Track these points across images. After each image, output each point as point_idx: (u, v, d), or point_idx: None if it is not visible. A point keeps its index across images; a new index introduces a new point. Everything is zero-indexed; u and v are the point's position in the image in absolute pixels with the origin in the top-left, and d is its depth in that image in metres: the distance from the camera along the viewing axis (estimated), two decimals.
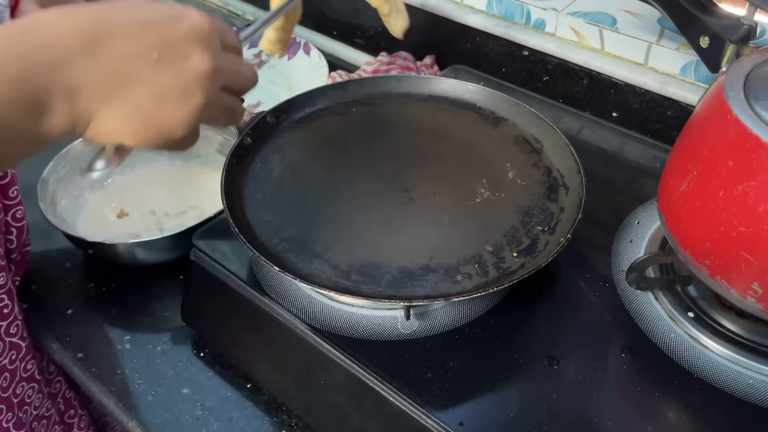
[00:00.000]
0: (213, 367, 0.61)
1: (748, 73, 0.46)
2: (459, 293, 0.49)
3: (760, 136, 0.42)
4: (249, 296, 0.55)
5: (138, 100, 0.34)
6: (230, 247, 0.59)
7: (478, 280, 0.51)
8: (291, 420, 0.57)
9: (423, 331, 0.52)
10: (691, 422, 0.47)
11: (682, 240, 0.49)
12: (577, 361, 0.50)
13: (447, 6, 0.89)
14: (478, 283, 0.51)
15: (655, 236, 0.59)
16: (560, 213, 0.57)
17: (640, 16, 0.77)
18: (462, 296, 0.48)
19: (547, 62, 0.83)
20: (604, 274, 0.57)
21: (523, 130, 0.66)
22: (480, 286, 0.50)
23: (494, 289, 0.49)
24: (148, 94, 0.34)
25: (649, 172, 0.70)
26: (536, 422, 0.46)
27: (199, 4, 1.17)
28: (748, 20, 0.56)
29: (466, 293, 0.49)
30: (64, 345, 0.63)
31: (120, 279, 0.69)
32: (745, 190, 0.43)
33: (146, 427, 0.56)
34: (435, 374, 0.49)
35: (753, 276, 0.44)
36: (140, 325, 0.65)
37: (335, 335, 0.52)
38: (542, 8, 0.81)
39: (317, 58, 0.97)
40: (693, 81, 0.74)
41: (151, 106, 0.34)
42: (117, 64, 0.33)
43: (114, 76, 0.33)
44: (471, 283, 0.51)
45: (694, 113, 0.50)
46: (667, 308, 0.53)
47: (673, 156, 0.51)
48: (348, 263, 0.52)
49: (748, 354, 0.50)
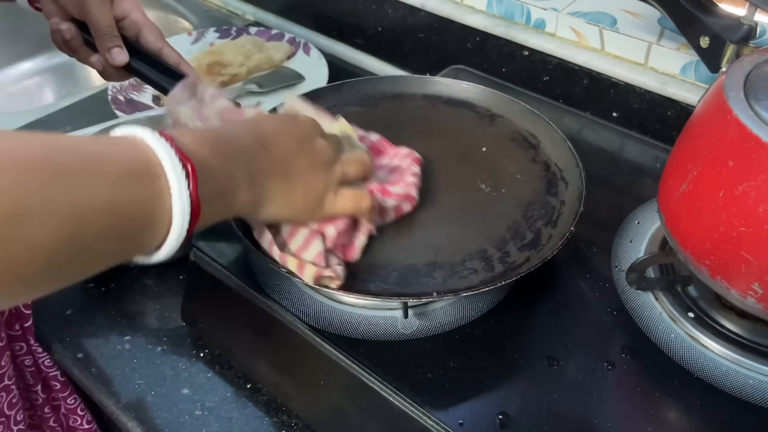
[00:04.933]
0: (213, 367, 0.61)
1: (748, 73, 0.46)
2: (467, 288, 0.49)
3: (760, 136, 0.42)
4: (249, 296, 0.55)
5: (295, 172, 0.46)
6: (230, 247, 0.59)
7: (485, 275, 0.51)
8: (291, 420, 0.57)
9: (423, 331, 0.52)
10: (691, 422, 0.47)
11: (682, 240, 0.49)
12: (577, 361, 0.50)
13: (447, 6, 0.89)
14: (485, 278, 0.51)
15: (655, 236, 0.59)
16: (561, 207, 0.57)
17: (640, 16, 0.77)
18: (470, 291, 0.48)
19: (547, 62, 0.83)
20: (604, 274, 0.57)
21: (520, 126, 0.66)
22: (487, 280, 0.50)
23: (502, 282, 0.49)
24: (302, 167, 0.46)
25: (649, 172, 0.70)
26: (536, 422, 0.46)
27: (199, 5, 1.17)
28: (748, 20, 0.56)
29: (474, 288, 0.49)
30: (63, 345, 0.63)
31: (120, 279, 0.69)
32: (745, 190, 0.43)
33: (146, 427, 0.56)
34: (435, 374, 0.49)
35: (753, 276, 0.44)
36: (140, 325, 0.65)
37: (335, 335, 0.51)
38: (542, 8, 0.81)
39: (317, 57, 0.97)
40: (693, 81, 0.74)
41: (305, 174, 0.46)
42: (280, 154, 0.45)
43: (280, 162, 0.45)
44: (478, 278, 0.51)
45: (694, 113, 0.50)
46: (668, 308, 0.53)
47: (673, 156, 0.51)
48: (354, 263, 0.52)
49: (749, 354, 0.50)
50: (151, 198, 0.36)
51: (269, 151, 0.45)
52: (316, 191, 0.47)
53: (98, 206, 0.33)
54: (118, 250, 0.36)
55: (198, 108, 0.52)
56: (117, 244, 0.35)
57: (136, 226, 0.36)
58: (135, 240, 0.36)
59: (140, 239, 0.37)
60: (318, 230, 0.49)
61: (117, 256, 0.37)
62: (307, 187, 0.47)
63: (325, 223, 0.49)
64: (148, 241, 0.37)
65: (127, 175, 0.35)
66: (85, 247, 0.33)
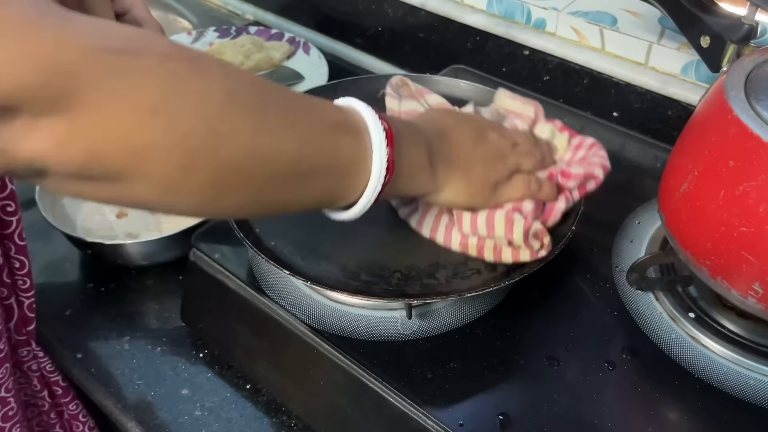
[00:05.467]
0: (212, 368, 0.61)
1: (748, 73, 0.46)
2: (470, 289, 0.49)
3: (760, 136, 0.42)
4: (249, 297, 0.55)
5: (471, 161, 0.49)
6: (230, 247, 0.59)
7: (488, 275, 0.51)
8: (291, 420, 0.57)
9: (423, 331, 0.52)
10: (691, 423, 0.47)
11: (682, 240, 0.49)
12: (577, 361, 0.50)
13: (447, 5, 0.89)
14: (488, 278, 0.51)
15: (655, 236, 0.59)
16: None
17: (640, 15, 0.76)
18: (474, 292, 0.48)
19: (547, 62, 0.83)
20: (605, 274, 0.57)
21: None
22: (490, 281, 0.50)
23: (505, 283, 0.49)
24: (477, 156, 0.49)
25: (649, 172, 0.70)
26: (536, 423, 0.46)
27: (198, 4, 1.17)
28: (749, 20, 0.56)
29: (478, 288, 0.49)
30: (63, 345, 0.63)
31: (119, 279, 0.69)
32: (745, 191, 0.43)
33: (146, 428, 0.56)
34: (435, 374, 0.49)
35: (754, 276, 0.44)
36: (140, 325, 0.65)
37: (335, 336, 0.51)
38: (543, 8, 0.81)
39: (317, 57, 0.97)
40: (694, 81, 0.73)
41: (480, 163, 0.49)
42: (457, 144, 0.49)
43: (457, 151, 0.48)
44: (480, 279, 0.51)
45: (694, 113, 0.50)
46: (668, 308, 0.53)
47: (673, 156, 0.51)
48: (356, 264, 0.52)
49: (749, 354, 0.49)
50: (357, 148, 0.41)
51: (447, 140, 0.48)
52: (491, 179, 0.50)
53: (320, 140, 0.39)
54: (325, 190, 0.41)
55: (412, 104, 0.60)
56: (326, 182, 0.40)
57: (342, 170, 0.40)
58: (339, 184, 0.41)
59: (343, 185, 0.41)
60: (515, 208, 0.51)
61: (322, 196, 0.42)
62: (482, 175, 0.49)
63: (520, 202, 0.51)
64: (348, 189, 0.42)
65: (341, 124, 0.41)
66: (303, 172, 0.38)
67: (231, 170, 0.34)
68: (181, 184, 0.33)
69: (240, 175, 0.35)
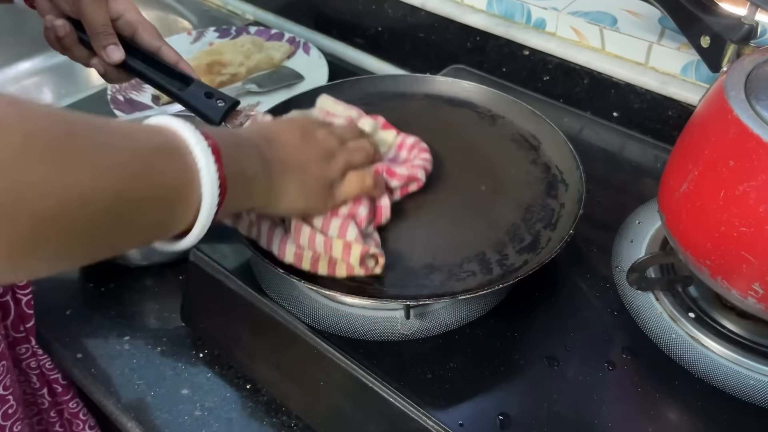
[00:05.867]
0: (212, 368, 0.61)
1: (749, 73, 0.46)
2: (464, 291, 0.49)
3: (761, 136, 0.42)
4: (249, 297, 0.55)
5: (303, 163, 0.48)
6: (230, 247, 0.59)
7: (483, 278, 0.51)
8: (291, 420, 0.57)
9: (423, 331, 0.52)
10: (691, 423, 0.47)
11: (682, 240, 0.49)
12: (577, 361, 0.50)
13: (447, 5, 0.89)
14: (482, 281, 0.51)
15: (655, 236, 0.59)
16: (561, 209, 0.57)
17: (640, 15, 0.76)
18: (467, 294, 0.48)
19: (547, 62, 0.83)
20: (605, 274, 0.57)
21: (521, 127, 0.66)
22: (485, 283, 0.50)
23: (499, 286, 0.49)
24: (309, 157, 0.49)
25: (649, 172, 0.70)
26: (536, 423, 0.46)
27: (198, 4, 1.17)
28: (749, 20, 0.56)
29: (472, 291, 0.49)
30: (63, 345, 0.63)
31: (119, 279, 0.69)
32: (746, 191, 0.43)
33: (145, 428, 0.56)
34: (435, 374, 0.49)
35: (754, 276, 0.44)
36: (140, 325, 0.65)
37: (335, 336, 0.51)
38: (543, 8, 0.81)
39: (317, 57, 0.97)
40: (694, 81, 0.73)
41: (312, 164, 0.49)
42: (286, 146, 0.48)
43: (287, 154, 0.47)
44: (475, 281, 0.51)
45: (694, 113, 0.50)
46: (668, 308, 0.53)
47: (673, 156, 0.51)
48: None
49: (749, 355, 0.49)
50: (183, 172, 0.38)
51: (276, 145, 0.47)
52: (325, 179, 0.49)
53: (139, 170, 0.35)
54: (154, 224, 0.38)
55: None
56: (154, 215, 0.37)
57: (171, 198, 0.38)
58: (169, 214, 0.38)
59: (173, 213, 0.38)
60: (350, 214, 0.51)
61: (153, 230, 0.38)
62: (317, 176, 0.49)
63: (355, 205, 0.51)
64: (180, 217, 0.39)
65: (161, 148, 0.37)
66: (127, 208, 0.35)
67: (42, 220, 0.30)
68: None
69: (55, 223, 0.31)
